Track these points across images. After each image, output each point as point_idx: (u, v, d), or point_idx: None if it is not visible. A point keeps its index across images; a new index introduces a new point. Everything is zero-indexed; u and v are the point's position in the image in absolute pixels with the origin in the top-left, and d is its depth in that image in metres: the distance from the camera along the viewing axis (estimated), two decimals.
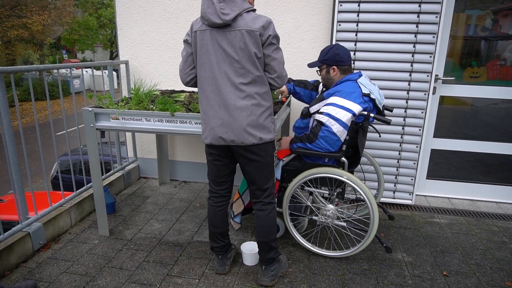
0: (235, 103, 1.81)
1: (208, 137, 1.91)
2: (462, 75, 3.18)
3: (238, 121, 1.81)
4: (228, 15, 1.72)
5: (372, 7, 2.82)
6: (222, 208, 2.12)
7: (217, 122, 1.85)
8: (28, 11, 15.45)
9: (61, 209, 2.67)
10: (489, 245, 2.62)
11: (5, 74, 2.14)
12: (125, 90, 3.52)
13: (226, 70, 1.79)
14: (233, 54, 1.76)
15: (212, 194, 2.12)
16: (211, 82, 1.83)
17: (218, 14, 1.71)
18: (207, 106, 1.88)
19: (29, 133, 3.18)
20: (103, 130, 2.45)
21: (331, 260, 2.38)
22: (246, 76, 1.79)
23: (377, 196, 2.84)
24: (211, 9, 1.73)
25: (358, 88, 2.20)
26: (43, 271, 2.22)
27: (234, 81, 1.79)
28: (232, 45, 1.76)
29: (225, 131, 1.84)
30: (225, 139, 1.85)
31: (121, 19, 3.42)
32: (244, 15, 1.75)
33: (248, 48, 1.75)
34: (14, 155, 2.24)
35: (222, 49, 1.77)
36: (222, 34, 1.76)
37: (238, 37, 1.74)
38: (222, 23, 1.73)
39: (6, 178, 7.99)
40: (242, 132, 1.82)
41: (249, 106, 1.81)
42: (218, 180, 2.07)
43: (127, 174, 3.53)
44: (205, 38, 1.79)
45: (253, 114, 1.83)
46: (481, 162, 3.30)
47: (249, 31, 1.73)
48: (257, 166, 1.94)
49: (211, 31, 1.77)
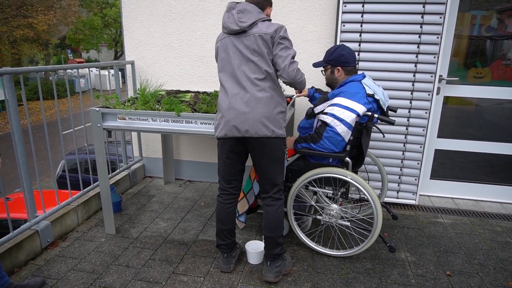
0: (251, 95, 1.94)
1: (222, 129, 2.00)
2: (466, 76, 3.18)
3: (254, 111, 1.93)
4: (245, 22, 1.94)
5: (376, 8, 2.83)
6: (231, 206, 2.18)
7: (232, 113, 1.95)
8: (34, 11, 15.56)
9: (69, 207, 2.71)
10: (493, 245, 2.62)
11: (14, 74, 2.19)
12: (131, 90, 3.55)
13: (243, 68, 1.97)
14: (249, 55, 1.95)
15: (222, 192, 2.18)
16: (230, 79, 2.00)
17: (236, 22, 1.95)
18: (225, 100, 1.99)
19: (34, 132, 3.22)
20: (110, 130, 2.48)
21: (335, 259, 2.40)
22: (260, 72, 1.96)
23: (381, 196, 2.86)
24: (231, 19, 1.97)
25: (363, 89, 2.22)
26: (51, 268, 2.26)
27: (250, 76, 1.96)
28: (247, 47, 1.95)
29: (239, 121, 1.94)
30: (240, 129, 1.94)
31: (127, 20, 3.45)
32: (259, 23, 1.96)
33: (261, 49, 1.94)
34: (22, 154, 2.28)
35: (239, 51, 1.97)
36: (239, 40, 1.97)
37: (252, 40, 1.94)
38: (239, 29, 1.94)
39: (12, 177, 8.07)
40: (257, 123, 1.93)
41: (264, 98, 1.95)
42: (228, 178, 2.14)
43: (132, 173, 3.57)
44: (226, 44, 2.01)
45: (268, 106, 1.95)
46: (485, 162, 3.30)
47: (261, 34, 1.93)
48: (269, 159, 2.02)
49: (230, 37, 1.99)
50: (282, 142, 2.04)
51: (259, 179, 2.13)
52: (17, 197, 4.63)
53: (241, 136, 1.96)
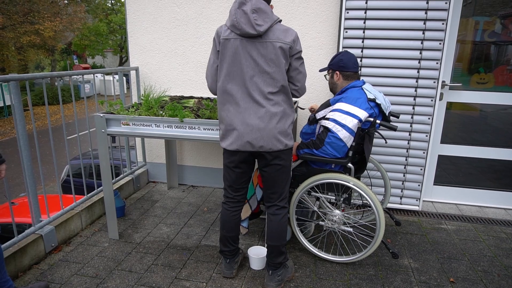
0: (266, 110, 1.86)
1: (234, 143, 1.91)
2: (470, 81, 3.18)
3: (268, 127, 1.87)
4: (262, 26, 1.77)
5: (379, 15, 2.85)
6: (236, 213, 2.15)
7: (246, 128, 1.87)
8: (41, 17, 15.76)
9: (73, 212, 2.73)
10: (497, 252, 2.60)
11: (21, 81, 2.22)
12: (135, 96, 3.59)
13: (256, 80, 1.83)
14: (264, 64, 1.81)
15: (228, 200, 2.14)
16: (241, 90, 1.86)
17: (252, 24, 1.75)
18: (235, 113, 1.89)
19: (39, 137, 3.26)
20: (114, 135, 2.51)
21: (337, 265, 2.39)
22: (275, 85, 1.85)
23: (384, 202, 2.85)
24: (244, 19, 1.76)
25: (364, 94, 2.23)
26: (55, 273, 2.27)
27: (264, 90, 1.85)
28: (263, 55, 1.81)
29: (254, 138, 1.87)
30: (254, 145, 1.89)
31: (131, 27, 3.50)
32: (274, 27, 1.81)
33: (279, 59, 1.81)
34: (28, 159, 2.30)
35: (252, 59, 1.81)
36: (253, 44, 1.80)
37: (270, 49, 1.80)
38: (256, 34, 1.77)
39: (17, 182, 8.13)
40: (272, 139, 1.88)
41: (278, 113, 1.88)
42: (236, 186, 2.10)
43: (136, 178, 3.59)
44: (236, 47, 1.82)
45: (281, 121, 1.90)
46: (489, 168, 3.28)
47: (281, 44, 1.80)
48: (278, 170, 2.00)
49: (241, 40, 1.81)
50: (291, 151, 2.04)
51: (265, 188, 2.10)
52: (22, 202, 4.67)
53: (254, 151, 1.92)
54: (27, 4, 15.53)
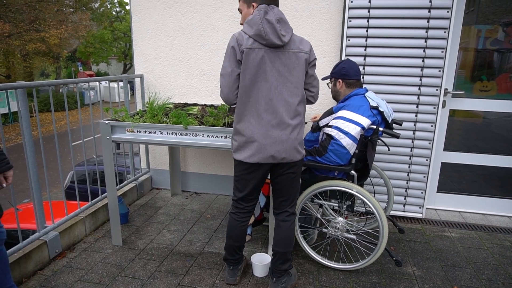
0: (290, 122, 1.88)
1: (254, 156, 1.87)
2: (472, 89, 3.19)
3: (290, 139, 1.89)
4: (285, 36, 1.79)
5: (381, 23, 2.88)
6: (245, 223, 2.14)
7: (270, 140, 1.85)
8: (46, 25, 15.96)
9: (77, 218, 2.75)
10: (501, 260, 2.59)
11: (27, 88, 2.26)
12: (140, 103, 3.62)
13: (281, 90, 1.84)
14: (287, 74, 1.83)
15: (239, 210, 2.11)
16: (264, 102, 1.83)
17: (278, 35, 1.76)
18: (258, 125, 1.85)
19: (44, 143, 3.30)
20: (119, 142, 2.53)
21: (341, 272, 2.39)
22: (297, 95, 1.88)
23: (387, 209, 2.85)
24: (271, 29, 1.75)
25: (366, 102, 2.25)
26: (59, 279, 2.28)
27: (288, 101, 1.86)
28: (285, 65, 1.82)
29: (277, 150, 1.87)
30: (276, 157, 1.88)
31: (136, 35, 3.54)
32: (293, 37, 1.86)
33: (300, 68, 1.86)
34: (34, 165, 2.33)
35: (276, 69, 1.81)
36: (276, 55, 1.80)
37: (292, 58, 1.82)
38: (281, 44, 1.78)
39: (21, 188, 8.17)
40: (293, 150, 1.91)
41: (298, 124, 1.92)
42: (249, 197, 2.07)
43: (140, 185, 3.61)
44: (261, 57, 1.79)
45: (300, 132, 1.94)
46: (493, 175, 3.28)
47: (302, 53, 1.85)
48: (292, 178, 2.02)
49: (266, 50, 1.79)
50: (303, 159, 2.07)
51: (277, 196, 2.09)
52: (26, 208, 4.69)
53: (275, 162, 1.92)
54: (34, 12, 15.75)
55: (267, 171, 1.98)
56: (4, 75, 18.91)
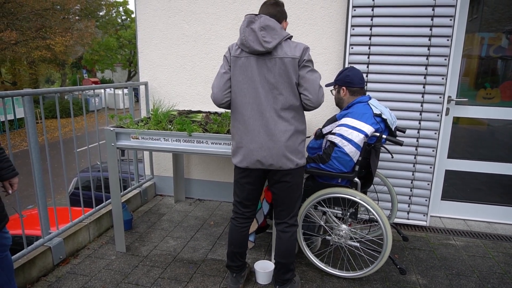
0: (275, 128, 1.87)
1: (244, 161, 1.94)
2: (476, 96, 3.19)
3: (277, 146, 1.87)
4: (270, 43, 1.79)
5: (384, 31, 2.90)
6: (245, 229, 2.15)
7: (256, 146, 1.89)
8: (52, 33, 16.16)
9: (81, 224, 2.76)
10: (507, 268, 2.56)
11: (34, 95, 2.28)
12: (144, 110, 3.65)
13: (267, 96, 1.85)
14: (273, 80, 1.83)
15: (238, 216, 2.14)
16: (250, 108, 1.88)
17: (260, 42, 1.78)
18: (245, 130, 1.91)
19: (49, 149, 3.30)
20: (123, 149, 2.55)
21: (344, 280, 2.38)
22: (285, 102, 1.86)
23: (391, 217, 2.84)
24: (252, 37, 1.79)
25: (370, 109, 2.26)
26: (62, 286, 2.28)
27: (274, 107, 1.86)
28: (272, 71, 1.83)
29: (263, 156, 1.89)
30: (263, 163, 1.90)
31: (142, 43, 3.59)
32: (283, 43, 1.83)
33: (288, 74, 1.83)
34: (39, 171, 2.35)
35: (262, 76, 1.84)
36: (262, 61, 1.83)
37: (278, 64, 1.81)
38: (264, 51, 1.80)
39: (25, 194, 8.21)
40: (281, 157, 1.89)
41: (287, 131, 1.88)
42: (246, 202, 2.10)
43: (143, 191, 3.62)
44: (246, 65, 1.84)
45: (291, 139, 1.90)
46: (498, 183, 3.26)
47: (289, 59, 1.81)
48: (288, 187, 2.00)
49: (251, 58, 1.84)
50: (303, 169, 2.05)
51: (275, 205, 2.10)
52: (29, 214, 4.71)
53: (264, 168, 1.93)
54: (40, 20, 15.95)
55: (260, 177, 2.01)
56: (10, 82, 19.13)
